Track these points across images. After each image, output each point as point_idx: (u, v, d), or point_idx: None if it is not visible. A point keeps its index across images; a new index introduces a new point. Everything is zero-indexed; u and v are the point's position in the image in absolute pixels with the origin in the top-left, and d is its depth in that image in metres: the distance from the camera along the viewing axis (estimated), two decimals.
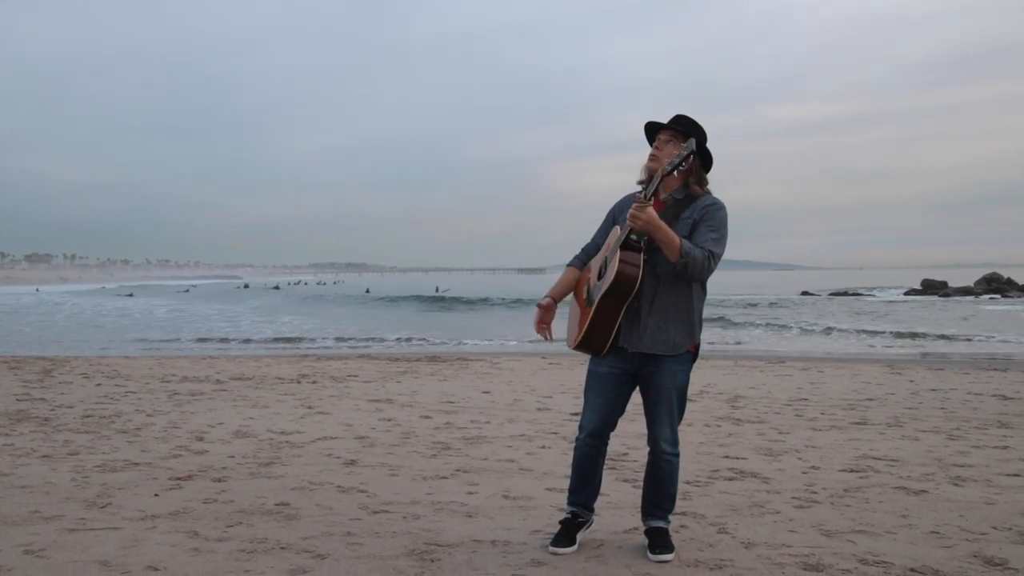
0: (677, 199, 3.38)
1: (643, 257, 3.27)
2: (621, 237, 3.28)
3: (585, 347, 3.39)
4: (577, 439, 3.50)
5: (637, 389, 3.45)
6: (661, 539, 3.38)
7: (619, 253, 3.25)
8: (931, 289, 45.39)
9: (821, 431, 6.35)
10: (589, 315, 3.33)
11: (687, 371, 3.40)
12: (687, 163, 3.22)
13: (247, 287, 73.62)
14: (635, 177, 3.47)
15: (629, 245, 3.27)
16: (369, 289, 57.67)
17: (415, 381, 9.81)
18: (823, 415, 7.14)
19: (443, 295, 47.25)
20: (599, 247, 3.55)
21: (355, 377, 10.22)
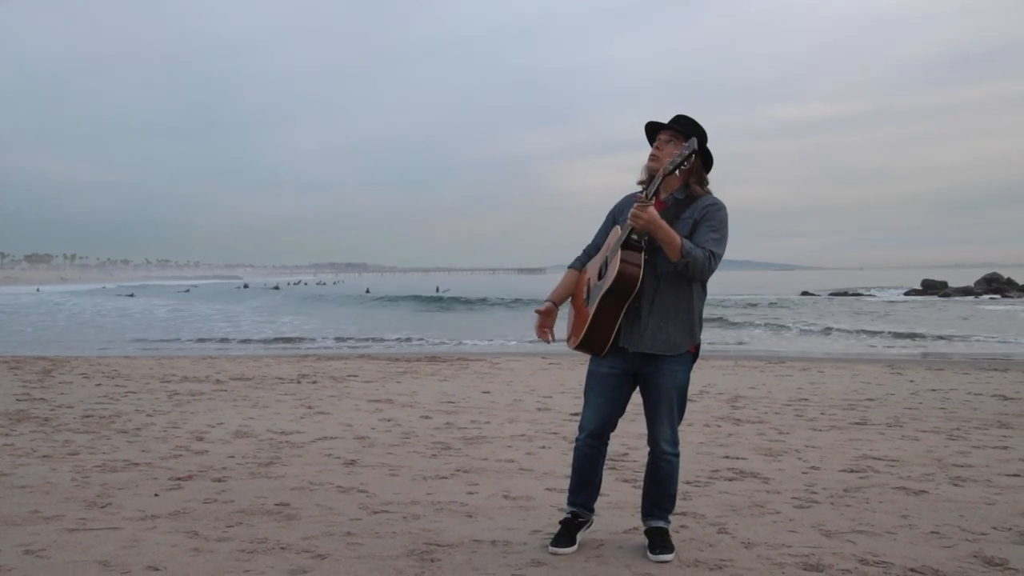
0: (678, 199, 3.37)
1: (644, 257, 3.27)
2: (622, 237, 3.27)
3: (585, 347, 3.39)
4: (577, 439, 3.50)
5: (637, 389, 3.45)
6: (661, 539, 3.38)
7: (620, 253, 3.24)
8: (931, 289, 45.40)
9: (821, 431, 6.35)
10: (590, 315, 3.32)
11: (687, 371, 3.40)
12: (689, 162, 3.22)
13: (246, 287, 73.62)
14: (635, 177, 3.47)
15: (630, 245, 3.27)
16: (369, 289, 57.66)
17: (415, 381, 9.82)
18: (823, 415, 7.14)
19: (443, 295, 47.24)
20: (600, 248, 3.55)
21: (355, 377, 10.22)
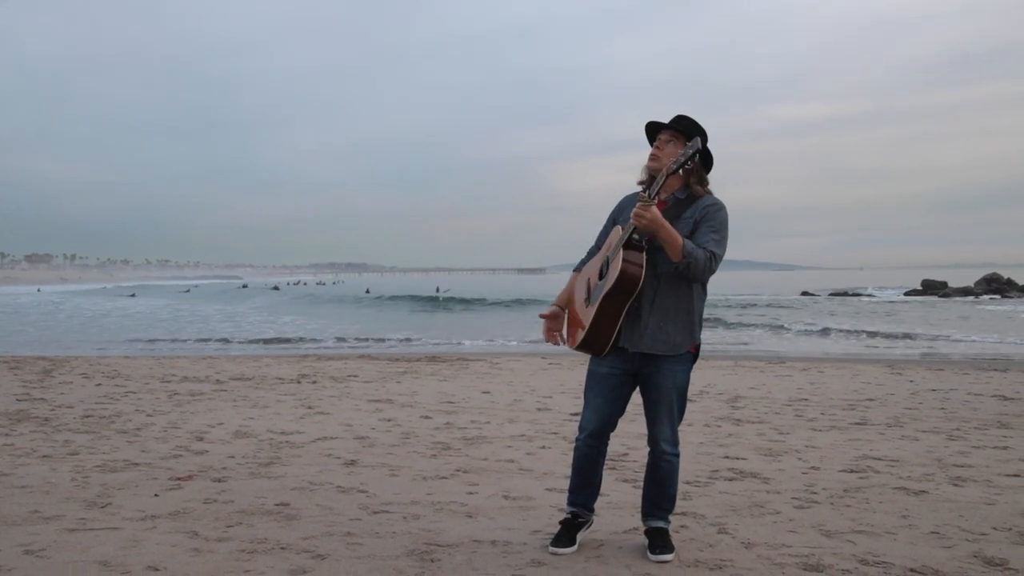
0: (679, 199, 3.37)
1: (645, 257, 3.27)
2: (623, 237, 3.27)
3: (586, 347, 3.39)
4: (577, 439, 3.50)
5: (637, 389, 3.45)
6: (661, 539, 3.38)
7: (622, 252, 3.23)
8: (931, 289, 45.41)
9: (821, 431, 6.35)
10: (591, 315, 3.32)
11: (687, 371, 3.39)
12: (692, 162, 3.21)
13: (245, 287, 73.60)
14: (635, 177, 3.46)
15: (632, 245, 3.26)
16: (369, 289, 57.64)
17: (415, 381, 9.82)
18: (823, 415, 7.14)
19: (443, 295, 47.23)
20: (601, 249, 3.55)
21: (355, 377, 10.22)
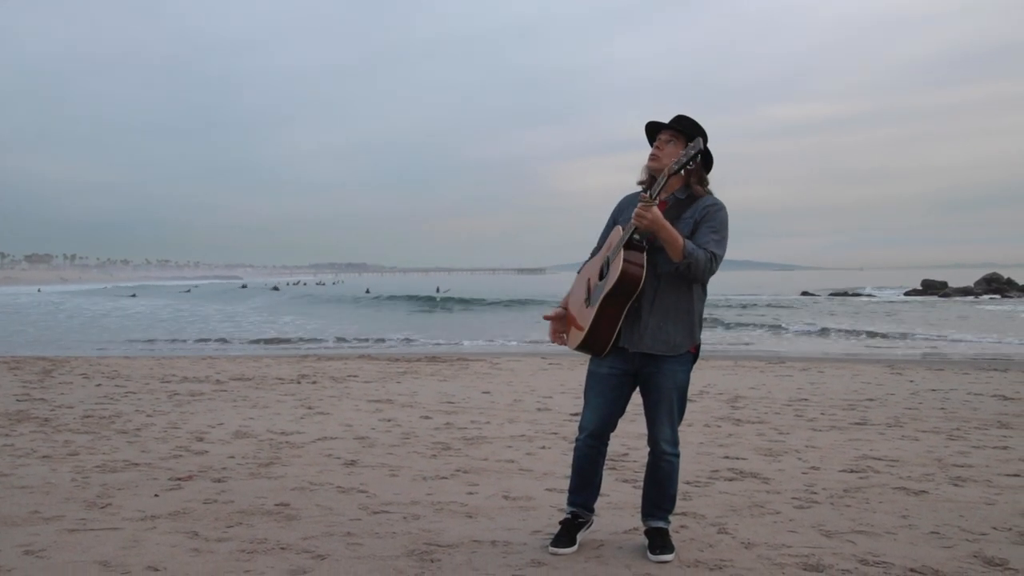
0: (679, 199, 3.37)
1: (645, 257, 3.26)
2: (624, 237, 3.27)
3: (587, 348, 3.39)
4: (577, 439, 3.50)
5: (637, 389, 3.45)
6: (661, 539, 3.38)
7: (622, 253, 3.23)
8: (931, 289, 45.41)
9: (821, 431, 6.35)
10: (591, 316, 3.32)
11: (687, 371, 3.39)
12: (694, 163, 3.21)
13: (245, 287, 73.55)
14: (635, 177, 3.47)
15: (632, 245, 3.26)
16: (369, 289, 57.60)
17: (415, 381, 9.81)
18: (823, 415, 7.14)
19: (443, 295, 47.21)
20: None
21: (355, 377, 10.22)
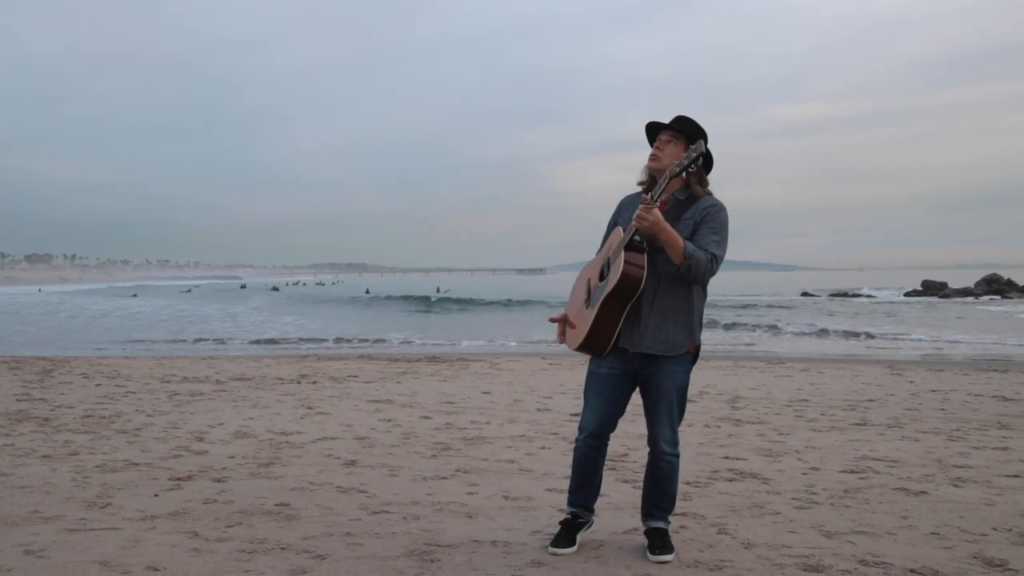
0: (679, 200, 3.37)
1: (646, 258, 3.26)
2: (625, 238, 3.27)
3: (587, 348, 3.39)
4: (577, 440, 3.50)
5: (637, 390, 3.45)
6: (661, 540, 3.38)
7: (623, 254, 3.23)
8: (931, 290, 45.41)
9: (821, 432, 6.35)
10: (592, 316, 3.32)
11: (687, 372, 3.39)
12: (696, 164, 3.21)
13: (244, 287, 73.53)
14: (635, 177, 3.47)
15: (633, 246, 3.26)
16: (369, 289, 57.59)
17: (415, 381, 9.81)
18: (823, 416, 7.14)
19: (443, 295, 47.21)
20: None
21: (355, 377, 10.22)
